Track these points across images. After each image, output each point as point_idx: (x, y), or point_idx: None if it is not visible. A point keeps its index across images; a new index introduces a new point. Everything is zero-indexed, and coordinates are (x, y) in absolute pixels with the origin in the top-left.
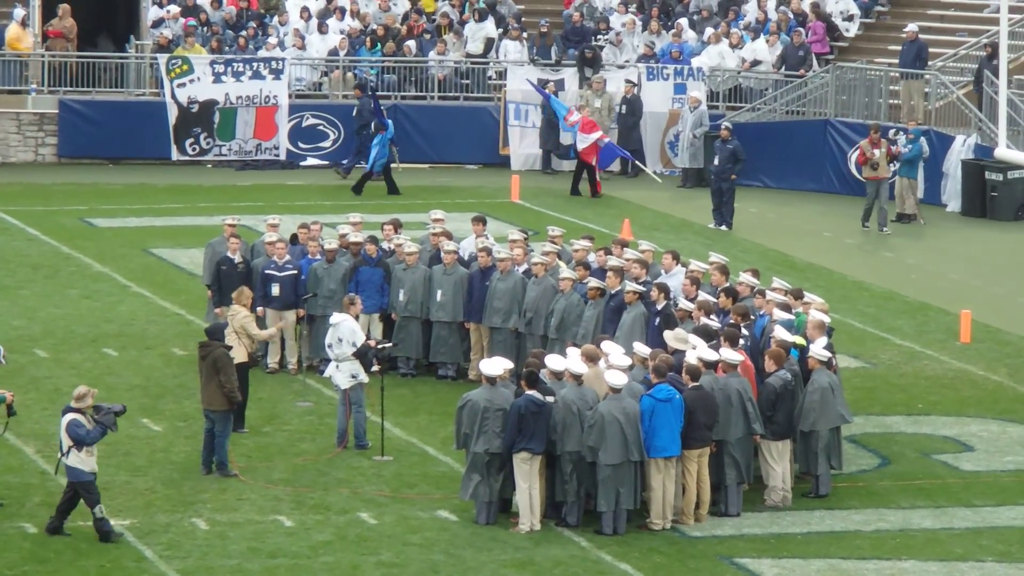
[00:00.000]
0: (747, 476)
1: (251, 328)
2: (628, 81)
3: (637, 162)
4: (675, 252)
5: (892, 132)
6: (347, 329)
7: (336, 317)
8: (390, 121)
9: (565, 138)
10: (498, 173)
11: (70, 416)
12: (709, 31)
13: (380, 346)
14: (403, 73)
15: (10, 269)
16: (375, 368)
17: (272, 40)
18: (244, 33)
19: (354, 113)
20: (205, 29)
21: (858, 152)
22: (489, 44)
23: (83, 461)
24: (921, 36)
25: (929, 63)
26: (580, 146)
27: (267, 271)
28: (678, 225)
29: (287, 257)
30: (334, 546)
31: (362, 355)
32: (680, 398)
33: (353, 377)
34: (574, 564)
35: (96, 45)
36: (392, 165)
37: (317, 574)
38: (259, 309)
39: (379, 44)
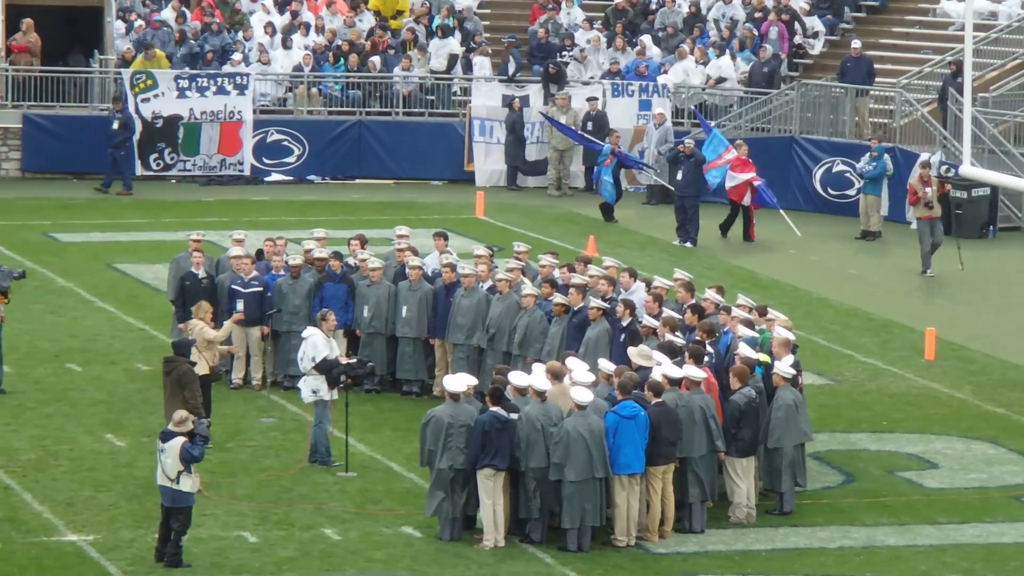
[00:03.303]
0: (711, 493)
1: (207, 334)
2: (591, 98)
3: (784, 214)
4: (632, 269)
5: (944, 169)
6: (310, 344)
7: (307, 331)
8: (606, 145)
9: (528, 153)
10: (463, 189)
11: (179, 440)
12: (678, 48)
13: (348, 363)
14: (368, 89)
15: None
16: (343, 384)
17: (236, 56)
18: (208, 47)
19: (114, 127)
20: (169, 39)
21: (908, 192)
22: (452, 60)
23: (193, 484)
24: (886, 53)
25: (892, 80)
26: (728, 184)
27: (233, 286)
28: (643, 242)
29: (254, 273)
30: (298, 562)
31: (326, 371)
32: (645, 415)
33: (314, 392)
34: None
35: (66, 62)
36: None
37: None
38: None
39: (343, 59)
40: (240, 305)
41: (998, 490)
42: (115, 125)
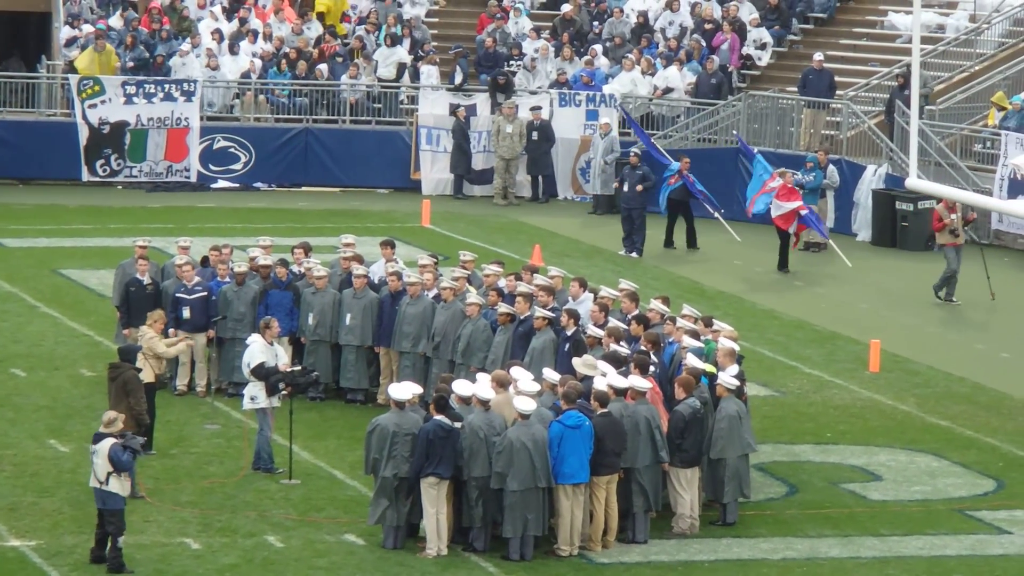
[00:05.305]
0: (655, 504)
1: (157, 347)
2: (535, 107)
3: (833, 243)
4: (582, 279)
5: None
6: (248, 351)
7: (250, 338)
8: (675, 164)
9: (474, 162)
10: (409, 197)
11: (110, 442)
12: (624, 58)
13: (288, 371)
14: (315, 96)
15: None
16: (284, 392)
17: (182, 57)
18: (160, 52)
19: None
20: (119, 45)
21: (933, 218)
22: (401, 69)
23: (122, 487)
24: (834, 65)
25: (839, 93)
26: (775, 214)
27: (177, 294)
28: (589, 251)
29: (196, 280)
30: (241, 569)
31: (263, 378)
32: (589, 425)
33: (252, 400)
34: None
35: (7, 68)
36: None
37: None
38: (171, 331)
39: (289, 67)
40: (187, 313)
41: (942, 502)
42: None
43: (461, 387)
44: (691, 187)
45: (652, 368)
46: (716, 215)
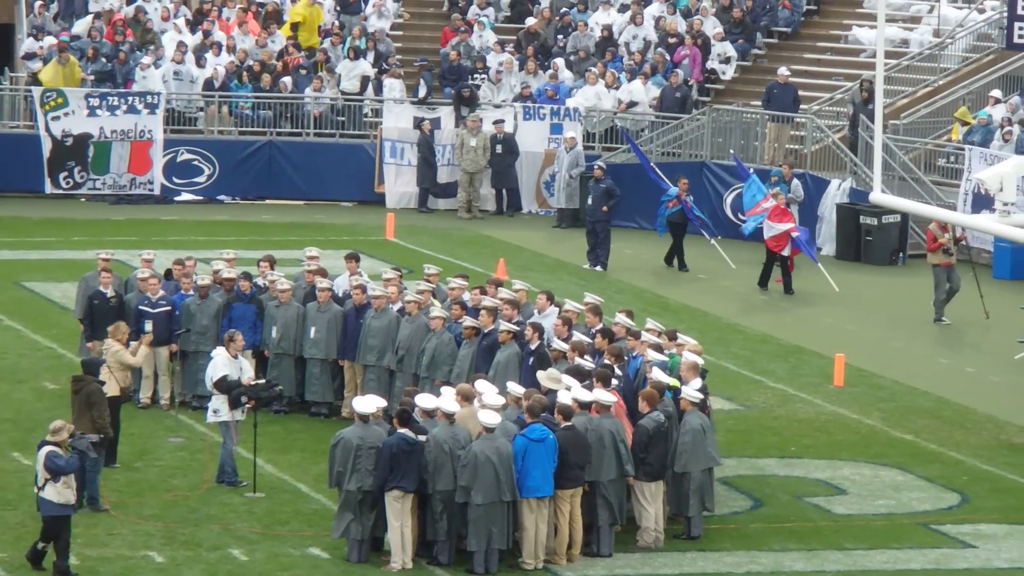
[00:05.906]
0: (620, 517)
1: (125, 358)
2: (498, 121)
3: (822, 268)
4: (549, 292)
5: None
6: (211, 364)
7: (214, 352)
8: (673, 188)
9: (439, 175)
10: (373, 211)
11: (47, 448)
12: (587, 71)
13: (251, 384)
14: (279, 109)
15: None
16: (247, 405)
17: (145, 61)
18: (123, 48)
19: None
20: (81, 57)
21: (927, 238)
22: (365, 82)
23: (59, 494)
24: (799, 80)
25: (803, 107)
26: (767, 235)
27: (140, 307)
28: (553, 265)
29: (160, 293)
30: None
31: (226, 391)
32: (554, 438)
33: (215, 413)
34: None
35: None
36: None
37: None
38: (132, 345)
39: (251, 79)
40: (148, 326)
41: (906, 516)
42: None
43: (425, 400)
44: (688, 212)
45: (615, 381)
46: (712, 241)
